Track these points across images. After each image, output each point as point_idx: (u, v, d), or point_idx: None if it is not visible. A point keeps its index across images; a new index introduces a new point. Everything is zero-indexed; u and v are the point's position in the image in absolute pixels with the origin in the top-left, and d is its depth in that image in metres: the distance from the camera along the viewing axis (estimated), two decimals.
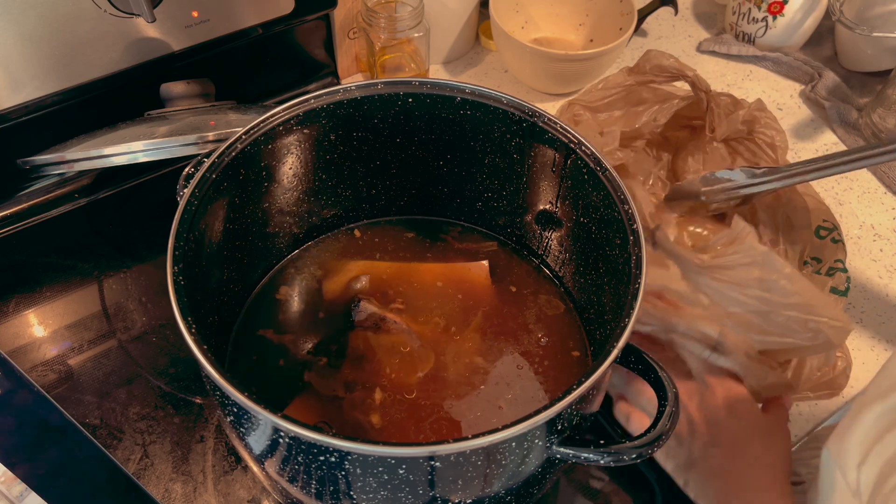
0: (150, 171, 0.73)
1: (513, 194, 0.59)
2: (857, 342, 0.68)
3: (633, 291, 0.43)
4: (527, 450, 0.41)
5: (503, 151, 0.56)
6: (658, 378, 0.43)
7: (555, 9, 0.90)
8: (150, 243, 0.71)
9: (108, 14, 0.61)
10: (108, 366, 0.62)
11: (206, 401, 0.60)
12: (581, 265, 0.56)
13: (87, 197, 0.72)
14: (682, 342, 0.53)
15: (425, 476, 0.39)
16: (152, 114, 0.67)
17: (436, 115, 0.55)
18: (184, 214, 0.45)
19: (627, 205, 0.47)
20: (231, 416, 0.42)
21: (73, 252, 0.70)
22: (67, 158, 0.60)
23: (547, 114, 0.52)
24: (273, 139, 0.52)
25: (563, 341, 0.56)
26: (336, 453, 0.38)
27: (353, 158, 0.58)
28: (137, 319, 0.65)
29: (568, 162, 0.51)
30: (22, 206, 0.70)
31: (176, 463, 0.57)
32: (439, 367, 0.54)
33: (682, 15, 0.98)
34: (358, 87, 0.53)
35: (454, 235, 0.63)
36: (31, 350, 0.63)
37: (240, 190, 0.51)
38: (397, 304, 0.57)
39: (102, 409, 0.59)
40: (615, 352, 0.40)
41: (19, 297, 0.66)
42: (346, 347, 0.54)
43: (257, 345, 0.55)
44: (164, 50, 0.66)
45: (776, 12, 0.88)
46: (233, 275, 0.54)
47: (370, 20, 0.77)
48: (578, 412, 0.43)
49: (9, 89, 0.60)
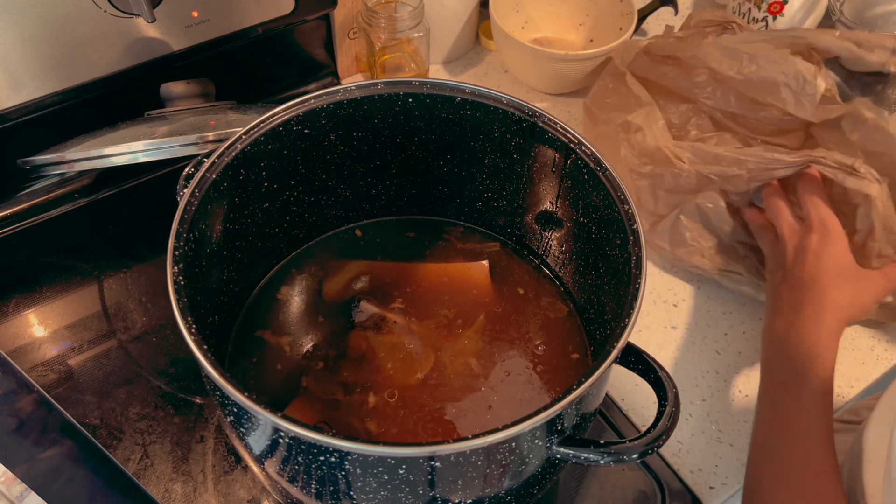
0: (150, 171, 0.73)
1: (513, 194, 0.59)
2: (856, 342, 0.68)
3: (633, 291, 0.43)
4: (527, 450, 0.41)
5: (503, 151, 0.56)
6: (658, 378, 0.43)
7: (555, 9, 0.90)
8: (150, 243, 0.71)
9: (108, 14, 0.61)
10: (108, 366, 0.62)
11: (206, 401, 0.60)
12: (581, 265, 0.56)
13: (87, 197, 0.72)
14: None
15: (425, 476, 0.39)
16: (152, 114, 0.67)
17: (436, 115, 0.55)
18: (184, 214, 0.45)
19: (627, 205, 0.47)
20: (231, 416, 0.42)
21: (73, 252, 0.70)
22: (67, 158, 0.60)
23: (547, 114, 0.52)
24: (273, 139, 0.52)
25: (563, 341, 0.56)
26: (336, 453, 0.38)
27: (353, 158, 0.58)
28: (137, 319, 0.65)
29: (568, 162, 0.51)
30: (22, 206, 0.70)
31: (176, 463, 0.57)
32: (439, 367, 0.54)
33: (682, 15, 0.98)
34: (358, 87, 0.53)
35: (456, 235, 0.63)
36: (31, 350, 0.63)
37: (240, 190, 0.51)
38: (398, 304, 0.57)
39: (102, 409, 0.59)
40: (615, 352, 0.40)
41: (19, 297, 0.66)
42: (346, 348, 0.54)
43: (257, 345, 0.55)
44: (164, 50, 0.66)
45: (776, 12, 0.88)
46: (233, 275, 0.54)
47: (370, 20, 0.77)
48: (578, 412, 0.43)
49: (9, 89, 0.60)
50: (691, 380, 0.65)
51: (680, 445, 0.61)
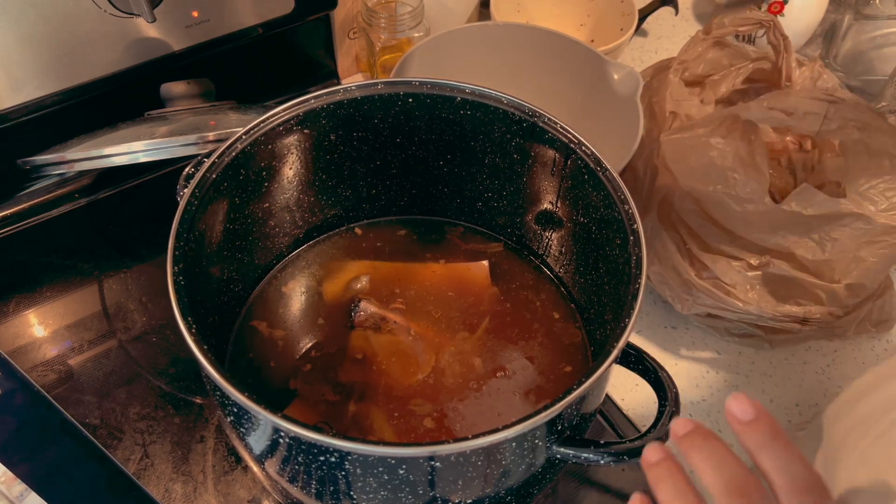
0: (150, 171, 0.73)
1: (513, 194, 0.59)
2: (856, 342, 0.68)
3: (633, 291, 0.43)
4: (527, 450, 0.41)
5: (503, 151, 0.56)
6: (658, 378, 0.43)
7: (555, 9, 0.90)
8: (150, 243, 0.71)
9: (108, 14, 0.61)
10: (108, 366, 0.62)
11: (206, 401, 0.60)
12: (581, 265, 0.56)
13: (87, 197, 0.72)
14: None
15: (425, 476, 0.39)
16: (152, 114, 0.67)
17: (436, 115, 0.55)
18: (184, 214, 0.45)
19: (627, 205, 0.47)
20: (231, 416, 0.42)
21: (73, 252, 0.70)
22: (67, 158, 0.60)
23: (547, 114, 0.52)
24: (273, 139, 0.52)
25: (563, 341, 0.56)
26: (336, 453, 0.38)
27: (353, 158, 0.58)
28: (137, 319, 0.65)
29: (568, 162, 0.51)
30: (22, 206, 0.70)
31: (176, 463, 0.57)
32: (439, 367, 0.54)
33: (682, 15, 0.98)
34: (358, 87, 0.53)
35: (457, 235, 0.63)
36: (31, 350, 0.63)
37: (240, 190, 0.51)
38: (398, 304, 0.57)
39: (102, 409, 0.59)
40: (615, 352, 0.40)
41: (19, 297, 0.66)
42: (346, 348, 0.54)
43: (257, 345, 0.55)
44: (164, 50, 0.66)
45: (776, 12, 0.88)
46: (233, 275, 0.54)
47: (370, 20, 0.77)
48: (578, 412, 0.43)
49: (9, 89, 0.60)
50: (691, 380, 0.65)
51: None
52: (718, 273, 0.60)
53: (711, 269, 0.60)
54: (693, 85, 0.73)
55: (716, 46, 0.73)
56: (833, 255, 0.58)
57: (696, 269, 0.61)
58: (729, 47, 0.73)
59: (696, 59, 0.72)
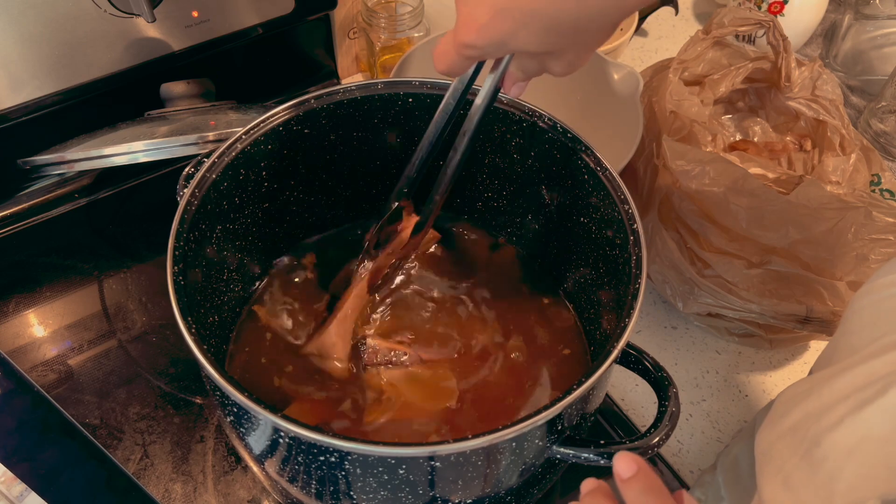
0: (150, 171, 0.73)
1: (513, 194, 0.59)
2: None
3: (633, 291, 0.43)
4: (527, 450, 0.41)
5: (503, 151, 0.56)
6: (658, 378, 0.43)
7: None
8: (150, 243, 0.71)
9: (108, 14, 0.61)
10: (108, 366, 0.62)
11: (206, 401, 0.60)
12: (581, 265, 0.56)
13: (87, 197, 0.72)
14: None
15: (425, 476, 0.39)
16: (152, 114, 0.67)
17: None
18: (184, 214, 0.45)
19: (627, 205, 0.47)
20: (231, 416, 0.42)
21: (73, 252, 0.70)
22: (67, 158, 0.60)
23: (547, 114, 0.51)
24: (273, 139, 0.52)
25: (563, 342, 0.56)
26: (336, 453, 0.38)
27: (353, 158, 0.58)
28: (137, 319, 0.65)
29: (568, 162, 0.51)
30: (22, 206, 0.70)
31: (176, 463, 0.57)
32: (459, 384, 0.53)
33: (682, 15, 0.98)
34: (358, 87, 0.53)
35: (457, 235, 0.62)
36: (31, 350, 0.63)
37: (240, 190, 0.51)
38: (405, 336, 0.55)
39: (102, 409, 0.59)
40: (615, 352, 0.40)
41: (19, 297, 0.66)
42: (364, 390, 0.52)
43: (257, 346, 0.55)
44: (164, 50, 0.66)
45: (776, 12, 0.88)
46: (233, 275, 0.54)
47: (370, 20, 0.77)
48: (578, 412, 0.43)
49: (9, 89, 0.60)
50: (691, 380, 0.65)
51: (680, 445, 0.61)
52: (720, 271, 0.60)
53: (713, 267, 0.60)
54: (693, 85, 0.73)
55: (715, 46, 0.73)
56: (835, 252, 0.58)
57: (697, 268, 0.61)
58: (729, 47, 0.74)
59: (695, 59, 0.72)
